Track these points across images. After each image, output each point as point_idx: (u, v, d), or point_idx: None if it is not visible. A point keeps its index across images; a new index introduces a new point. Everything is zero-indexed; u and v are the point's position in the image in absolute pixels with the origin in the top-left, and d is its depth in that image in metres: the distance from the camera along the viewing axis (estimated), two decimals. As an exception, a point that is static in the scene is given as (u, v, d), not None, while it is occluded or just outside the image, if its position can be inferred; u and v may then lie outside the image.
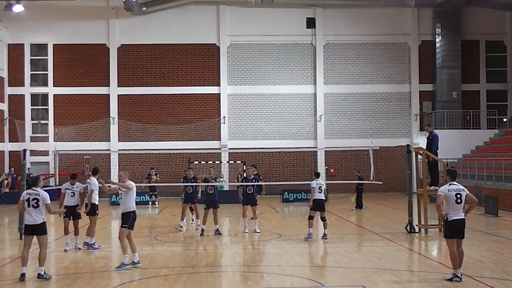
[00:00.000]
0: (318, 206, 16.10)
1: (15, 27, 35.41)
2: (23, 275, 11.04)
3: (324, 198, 16.34)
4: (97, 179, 14.72)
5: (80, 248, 14.75)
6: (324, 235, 16.11)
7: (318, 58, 36.17)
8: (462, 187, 10.76)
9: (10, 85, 35.86)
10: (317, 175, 16.53)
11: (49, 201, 11.25)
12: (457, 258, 10.49)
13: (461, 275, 10.53)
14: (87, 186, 14.86)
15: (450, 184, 10.73)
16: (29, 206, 11.08)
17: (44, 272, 11.13)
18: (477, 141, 34.19)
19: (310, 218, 16.13)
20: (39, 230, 11.10)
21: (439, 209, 10.91)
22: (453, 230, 10.58)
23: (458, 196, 10.56)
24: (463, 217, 10.63)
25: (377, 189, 31.14)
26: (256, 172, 18.66)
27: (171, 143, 34.56)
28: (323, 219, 16.26)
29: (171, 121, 35.57)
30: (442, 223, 11.13)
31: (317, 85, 36.09)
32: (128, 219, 12.32)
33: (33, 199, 11.08)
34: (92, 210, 14.77)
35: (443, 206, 10.84)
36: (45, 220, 11.23)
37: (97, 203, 14.99)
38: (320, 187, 16.08)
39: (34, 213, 11.08)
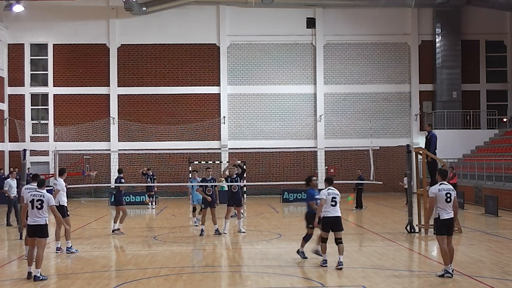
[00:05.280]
0: (333, 225, 12.00)
1: (15, 27, 35.38)
2: (29, 273, 11.08)
3: (340, 214, 12.02)
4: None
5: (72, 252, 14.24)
6: (339, 263, 11.80)
7: (318, 58, 36.14)
8: (452, 187, 11.28)
9: (10, 85, 35.83)
10: (329, 182, 12.21)
11: (53, 203, 11.37)
12: (447, 254, 10.95)
13: (452, 271, 10.94)
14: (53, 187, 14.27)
15: (440, 184, 11.20)
16: (32, 208, 11.08)
17: (40, 274, 11.01)
18: (477, 141, 34.17)
19: (323, 241, 12.11)
20: (40, 231, 11.10)
21: (430, 211, 11.50)
22: (444, 228, 11.05)
23: (448, 195, 11.05)
24: (452, 216, 11.11)
25: (377, 189, 31.12)
26: (237, 172, 18.10)
27: (171, 143, 34.52)
28: (338, 241, 11.95)
29: (171, 121, 35.54)
30: (433, 222, 11.67)
31: (317, 85, 36.07)
32: None
33: (38, 200, 11.10)
34: (62, 212, 13.43)
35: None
36: (47, 222, 11.20)
37: (65, 204, 14.26)
38: (333, 198, 11.91)
39: (37, 214, 11.08)
